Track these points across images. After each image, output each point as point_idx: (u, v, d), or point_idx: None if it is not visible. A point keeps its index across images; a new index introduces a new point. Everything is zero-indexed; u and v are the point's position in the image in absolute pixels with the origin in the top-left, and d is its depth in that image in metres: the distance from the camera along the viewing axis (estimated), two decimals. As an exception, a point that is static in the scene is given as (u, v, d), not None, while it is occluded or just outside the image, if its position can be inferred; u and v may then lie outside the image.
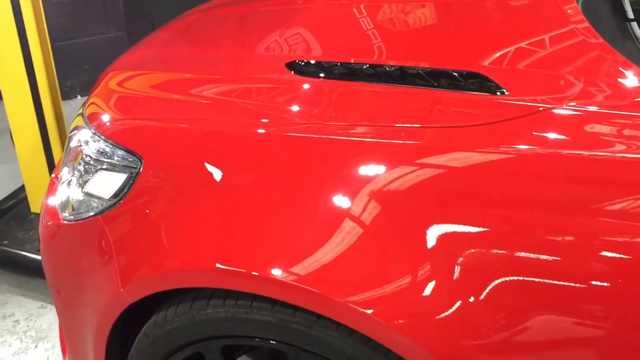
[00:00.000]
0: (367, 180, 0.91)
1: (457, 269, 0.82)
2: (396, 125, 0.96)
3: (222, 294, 1.00)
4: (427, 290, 0.83)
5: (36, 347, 1.90)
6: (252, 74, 1.21)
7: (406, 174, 0.90)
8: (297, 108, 1.06)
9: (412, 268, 0.86)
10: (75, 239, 1.20)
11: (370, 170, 0.92)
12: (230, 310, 0.99)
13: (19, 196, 2.58)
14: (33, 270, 2.22)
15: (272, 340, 0.98)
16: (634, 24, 1.25)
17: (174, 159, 1.07)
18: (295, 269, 0.90)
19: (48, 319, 2.01)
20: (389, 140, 0.94)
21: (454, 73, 0.99)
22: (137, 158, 1.10)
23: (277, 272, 0.90)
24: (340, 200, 0.91)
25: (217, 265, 0.95)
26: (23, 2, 2.10)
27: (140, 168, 1.09)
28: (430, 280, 0.84)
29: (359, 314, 0.86)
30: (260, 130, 1.03)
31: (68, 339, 1.34)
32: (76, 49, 3.99)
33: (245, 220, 0.97)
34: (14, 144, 2.35)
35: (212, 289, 1.01)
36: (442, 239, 0.84)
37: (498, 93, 0.94)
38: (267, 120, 1.04)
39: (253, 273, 0.92)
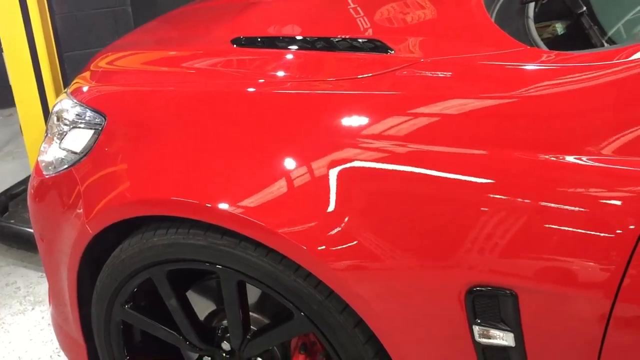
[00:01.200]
0: (285, 124, 1.10)
1: (338, 189, 1.01)
2: (313, 80, 1.15)
3: (166, 225, 1.19)
4: (319, 207, 1.02)
5: (33, 309, 2.12)
6: (203, 48, 1.43)
7: (315, 117, 1.09)
8: (233, 70, 1.27)
9: (312, 194, 1.04)
10: (54, 189, 1.41)
11: (289, 117, 1.11)
12: (171, 237, 1.18)
13: (27, 183, 2.83)
14: (35, 245, 2.46)
15: (206, 262, 1.17)
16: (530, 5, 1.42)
17: (131, 114, 1.28)
18: (228, 200, 1.08)
19: (45, 286, 2.20)
20: (308, 91, 1.13)
21: (359, 40, 1.19)
22: (103, 116, 1.31)
23: (216, 202, 1.08)
24: (264, 144, 1.10)
25: (172, 197, 1.15)
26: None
27: (104, 124, 1.30)
28: (322, 199, 1.02)
29: (269, 231, 1.05)
30: (204, 89, 1.24)
31: (50, 283, 1.55)
32: (88, 58, 4.27)
33: (186, 162, 1.16)
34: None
35: (158, 222, 1.20)
36: (331, 165, 1.02)
37: (388, 52, 1.14)
38: (209, 80, 1.25)
39: (192, 201, 1.11)
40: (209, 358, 1.33)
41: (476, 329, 0.97)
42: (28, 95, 2.52)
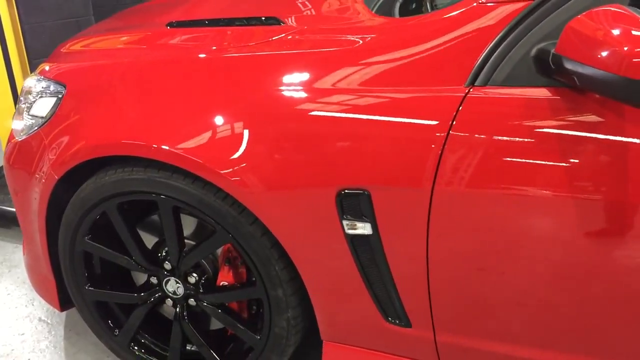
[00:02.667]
0: (212, 82, 1.42)
1: (245, 127, 1.34)
2: (227, 44, 1.49)
3: (114, 167, 1.51)
4: (234, 143, 1.35)
5: (9, 271, 2.41)
6: (145, 32, 1.76)
7: (237, 74, 1.42)
8: (167, 43, 1.61)
9: (228, 133, 1.37)
10: (25, 149, 1.71)
11: (215, 76, 1.43)
12: (119, 175, 1.50)
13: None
14: (10, 221, 2.75)
15: (147, 192, 1.49)
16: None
17: (87, 82, 1.60)
18: (166, 141, 1.39)
19: (20, 255, 2.51)
20: (224, 55, 1.46)
21: (261, 17, 1.53)
22: (63, 86, 1.62)
23: (158, 143, 1.39)
24: (194, 98, 1.43)
25: (123, 140, 1.46)
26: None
27: (64, 92, 1.61)
28: (236, 137, 1.35)
29: (194, 162, 1.37)
30: (145, 59, 1.56)
31: (24, 231, 1.84)
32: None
33: (133, 115, 1.48)
34: None
35: (109, 166, 1.52)
36: (243, 110, 1.35)
37: (280, 24, 1.48)
38: (149, 52, 1.59)
39: (140, 142, 1.43)
40: (155, 279, 1.66)
41: (345, 222, 1.31)
42: (2, 97, 2.84)
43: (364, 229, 1.31)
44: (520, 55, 1.17)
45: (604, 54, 0.98)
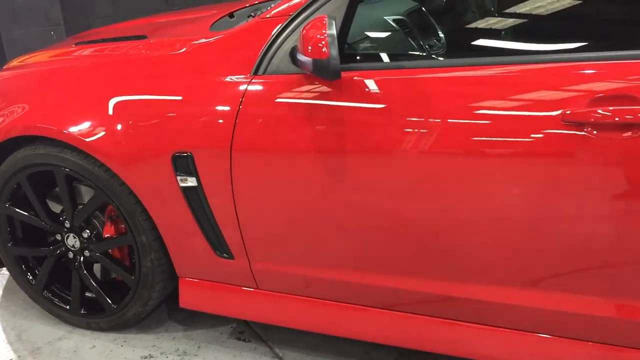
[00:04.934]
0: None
1: (115, 112, 1.84)
2: (103, 54, 2.01)
3: (25, 145, 2.01)
4: (108, 124, 1.85)
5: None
6: (61, 47, 2.30)
7: (97, 75, 1.94)
8: (68, 56, 2.14)
9: (106, 118, 1.87)
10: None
11: (86, 79, 1.95)
12: (27, 151, 2.00)
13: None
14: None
15: (46, 164, 1.98)
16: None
17: (15, 85, 2.12)
18: (65, 124, 1.90)
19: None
20: (96, 61, 1.98)
21: (135, 35, 2.07)
22: (-7, 89, 2.15)
23: (60, 126, 1.90)
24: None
25: (39, 125, 1.96)
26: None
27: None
28: (101, 116, 1.85)
29: (76, 138, 1.87)
30: (47, 68, 2.09)
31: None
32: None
33: (47, 106, 1.99)
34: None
35: (20, 144, 2.02)
36: (119, 100, 1.86)
37: (144, 39, 2.02)
38: (53, 62, 2.11)
39: (49, 127, 1.93)
40: (59, 235, 2.13)
41: (179, 177, 1.80)
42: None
43: (191, 182, 1.80)
44: (283, 52, 1.67)
45: (305, 45, 1.48)
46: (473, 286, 1.63)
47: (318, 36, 1.46)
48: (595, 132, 1.36)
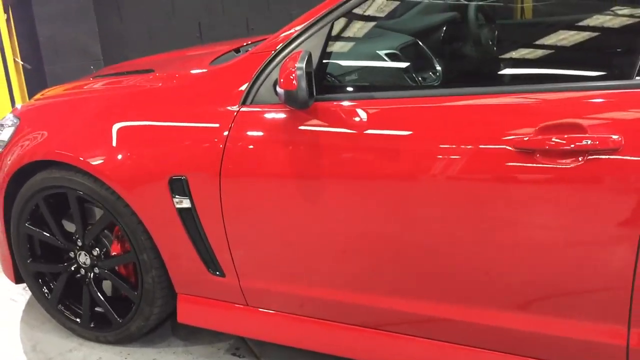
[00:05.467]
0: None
1: (119, 139, 2.01)
2: (114, 86, 2.20)
3: (42, 169, 2.20)
4: (112, 152, 2.02)
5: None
6: (80, 81, 2.50)
7: (108, 106, 2.12)
8: (86, 88, 2.33)
9: (112, 148, 2.04)
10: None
11: (98, 109, 2.14)
12: (44, 175, 2.19)
13: None
14: None
15: (61, 186, 2.16)
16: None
17: (31, 117, 2.32)
18: (79, 152, 2.08)
19: None
20: (108, 93, 2.17)
21: (147, 69, 2.25)
22: (18, 119, 2.36)
23: (74, 153, 2.09)
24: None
25: (56, 151, 2.16)
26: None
27: (18, 123, 2.34)
28: (107, 144, 2.02)
29: (86, 163, 2.04)
30: (64, 100, 2.29)
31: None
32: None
33: (61, 136, 2.18)
34: None
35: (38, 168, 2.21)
36: (121, 126, 2.03)
37: (153, 72, 2.19)
38: (70, 94, 2.31)
39: (63, 152, 2.12)
40: (72, 253, 2.30)
41: (175, 199, 1.94)
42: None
43: (186, 203, 1.94)
44: (269, 83, 1.81)
45: (279, 77, 1.62)
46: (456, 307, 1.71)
47: (290, 69, 1.59)
48: (544, 158, 1.44)
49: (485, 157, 1.50)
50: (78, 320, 2.37)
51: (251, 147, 1.80)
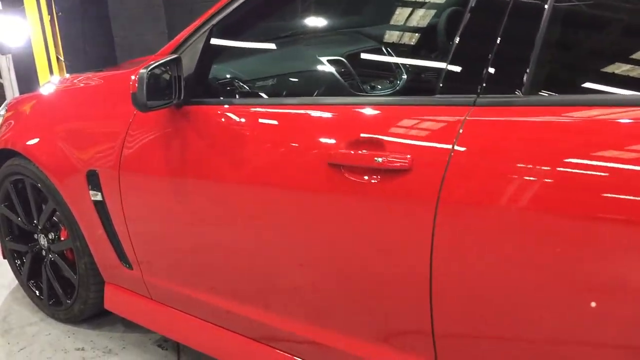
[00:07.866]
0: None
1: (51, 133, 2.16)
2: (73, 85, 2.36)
3: (11, 159, 2.42)
4: (47, 142, 2.17)
5: None
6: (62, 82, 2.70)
7: (58, 104, 2.27)
8: (58, 88, 2.52)
9: (51, 140, 2.20)
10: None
11: (52, 106, 2.31)
12: (9, 163, 2.41)
13: None
14: None
15: (20, 174, 2.36)
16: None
17: (14, 107, 2.56)
18: (28, 144, 2.29)
19: None
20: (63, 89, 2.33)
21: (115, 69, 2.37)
22: (5, 109, 2.61)
23: (25, 146, 2.30)
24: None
25: (14, 141, 2.38)
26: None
27: (5, 113, 2.59)
28: (49, 139, 2.18)
29: (31, 153, 2.22)
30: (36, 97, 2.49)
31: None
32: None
33: (23, 132, 2.40)
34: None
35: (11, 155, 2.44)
36: (59, 130, 2.18)
37: (102, 71, 2.31)
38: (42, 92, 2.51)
39: (18, 142, 2.33)
40: (36, 235, 2.51)
41: (91, 192, 2.05)
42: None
43: (99, 197, 2.04)
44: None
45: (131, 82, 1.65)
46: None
47: (137, 74, 1.63)
48: (350, 175, 1.34)
49: (299, 167, 1.45)
50: (42, 297, 2.58)
51: (138, 146, 1.86)
